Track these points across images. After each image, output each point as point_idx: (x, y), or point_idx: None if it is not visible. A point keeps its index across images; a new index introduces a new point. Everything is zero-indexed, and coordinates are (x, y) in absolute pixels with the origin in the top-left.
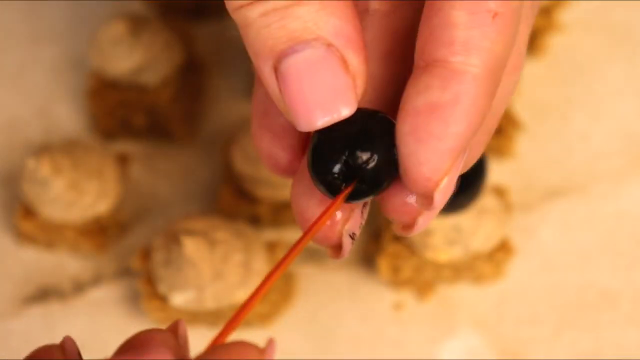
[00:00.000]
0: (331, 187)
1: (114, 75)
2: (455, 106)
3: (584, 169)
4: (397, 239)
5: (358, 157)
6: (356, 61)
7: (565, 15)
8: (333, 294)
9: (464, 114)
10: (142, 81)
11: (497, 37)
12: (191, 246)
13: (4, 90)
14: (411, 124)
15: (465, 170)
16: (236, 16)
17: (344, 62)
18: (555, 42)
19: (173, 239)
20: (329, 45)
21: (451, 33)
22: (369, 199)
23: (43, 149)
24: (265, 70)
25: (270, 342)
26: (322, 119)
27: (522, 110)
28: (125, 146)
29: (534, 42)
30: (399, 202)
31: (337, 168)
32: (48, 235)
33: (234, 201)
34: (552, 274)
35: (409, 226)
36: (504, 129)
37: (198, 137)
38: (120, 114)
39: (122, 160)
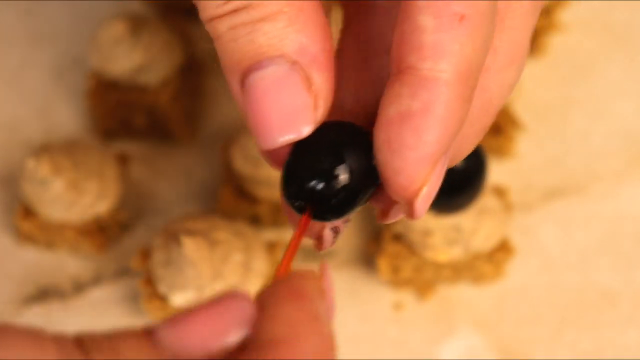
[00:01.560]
0: (299, 210)
1: (114, 75)
2: (425, 114)
3: (584, 169)
4: (397, 238)
5: (324, 184)
6: (320, 80)
7: (565, 15)
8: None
9: (436, 121)
10: (142, 81)
11: (467, 40)
12: (191, 246)
13: (4, 90)
14: (385, 134)
15: (452, 165)
16: (208, 28)
17: (307, 80)
18: (555, 42)
19: (173, 239)
20: (294, 62)
21: (419, 38)
22: (344, 218)
23: (43, 149)
24: (233, 84)
25: (324, 268)
26: (280, 138)
27: (522, 110)
28: (125, 146)
29: (534, 42)
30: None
31: (303, 193)
32: (48, 235)
33: (234, 201)
34: (552, 274)
35: (385, 214)
36: (504, 129)
37: (198, 137)
38: (120, 114)
39: (122, 160)
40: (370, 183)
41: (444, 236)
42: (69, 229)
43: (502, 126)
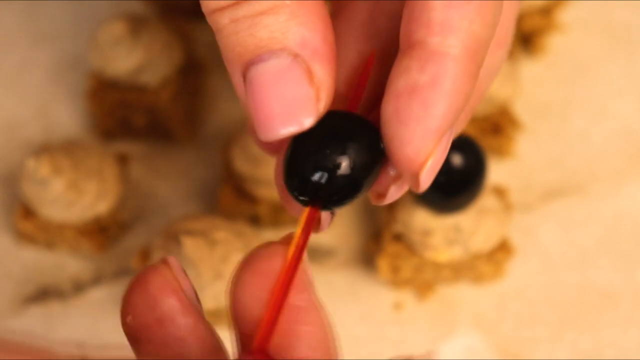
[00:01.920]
0: (304, 203)
1: (114, 75)
2: (433, 87)
3: (584, 169)
4: (397, 238)
5: (328, 176)
6: (322, 73)
7: (565, 15)
8: (333, 294)
9: (443, 95)
10: (142, 81)
11: (476, 17)
12: (191, 246)
13: (4, 90)
14: (393, 106)
15: None
16: (210, 20)
17: (309, 73)
18: (555, 42)
19: (173, 239)
20: (296, 55)
21: (429, 14)
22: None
23: (43, 149)
24: (235, 77)
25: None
26: (282, 130)
27: (522, 110)
28: (125, 146)
29: (534, 42)
30: None
31: (307, 186)
32: (48, 235)
33: (234, 201)
34: (552, 274)
35: (381, 195)
36: (504, 129)
37: (198, 137)
38: (120, 114)
39: (122, 160)
40: (373, 168)
41: (444, 236)
42: (69, 229)
43: (502, 126)
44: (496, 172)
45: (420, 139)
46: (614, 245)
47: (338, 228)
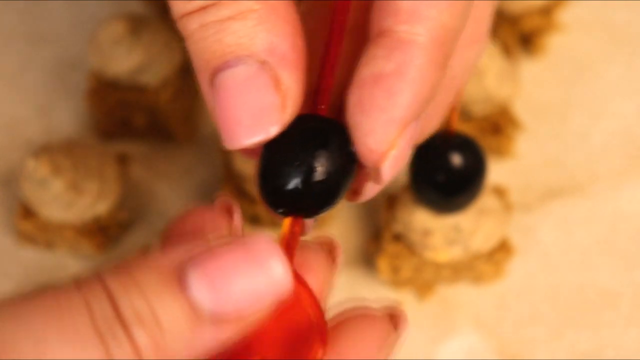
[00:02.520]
0: (283, 214)
1: (113, 75)
2: (398, 76)
3: (584, 169)
4: (397, 238)
5: (301, 184)
6: (289, 80)
7: (565, 15)
8: (333, 294)
9: (408, 84)
10: (142, 81)
11: (445, 6)
12: None
13: (4, 90)
14: (357, 95)
15: (419, 142)
16: (179, 25)
17: (276, 80)
18: (555, 42)
19: None
20: (263, 62)
21: (397, 2)
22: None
23: (43, 149)
24: (203, 84)
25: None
26: (247, 138)
27: (522, 110)
28: (125, 146)
29: (534, 42)
30: None
31: (283, 200)
32: (48, 235)
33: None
34: (552, 274)
35: (357, 192)
36: (504, 129)
37: (198, 137)
38: (120, 114)
39: (122, 160)
40: (348, 170)
41: (444, 236)
42: (68, 229)
43: (502, 126)
44: (496, 172)
45: (382, 128)
46: (614, 245)
47: (338, 228)
